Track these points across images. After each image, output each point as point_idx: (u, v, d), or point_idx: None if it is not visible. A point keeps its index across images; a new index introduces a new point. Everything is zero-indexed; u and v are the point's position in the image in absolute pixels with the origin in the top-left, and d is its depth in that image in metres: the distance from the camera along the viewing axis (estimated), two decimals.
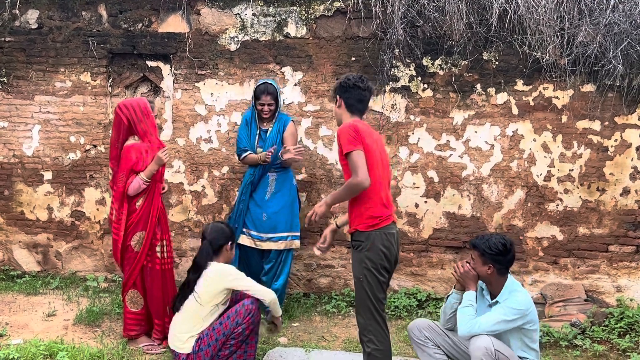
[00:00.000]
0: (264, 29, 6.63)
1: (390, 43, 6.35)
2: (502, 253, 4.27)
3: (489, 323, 4.17)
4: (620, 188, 6.23)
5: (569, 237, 6.35)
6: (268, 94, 5.98)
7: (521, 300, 4.21)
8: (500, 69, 6.32)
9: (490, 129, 6.41)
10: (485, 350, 4.07)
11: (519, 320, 4.19)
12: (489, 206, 6.47)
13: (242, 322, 4.73)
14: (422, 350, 4.51)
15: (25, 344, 5.28)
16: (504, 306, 4.21)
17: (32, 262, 7.27)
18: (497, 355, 4.09)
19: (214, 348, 4.70)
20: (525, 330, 4.26)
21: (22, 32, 6.97)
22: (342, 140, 4.29)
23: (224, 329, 4.72)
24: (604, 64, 6.00)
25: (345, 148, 4.27)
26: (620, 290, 6.26)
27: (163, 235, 5.45)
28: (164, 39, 6.78)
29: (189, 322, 4.80)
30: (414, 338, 4.54)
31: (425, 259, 6.63)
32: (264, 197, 6.08)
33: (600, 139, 6.24)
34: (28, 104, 7.05)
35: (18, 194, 7.17)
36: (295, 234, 6.16)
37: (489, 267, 4.29)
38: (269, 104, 6.01)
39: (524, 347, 4.30)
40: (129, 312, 5.47)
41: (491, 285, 4.37)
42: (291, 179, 6.20)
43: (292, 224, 6.13)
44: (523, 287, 4.38)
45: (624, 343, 5.47)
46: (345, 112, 4.54)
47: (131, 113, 5.26)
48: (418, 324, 4.57)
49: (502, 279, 4.32)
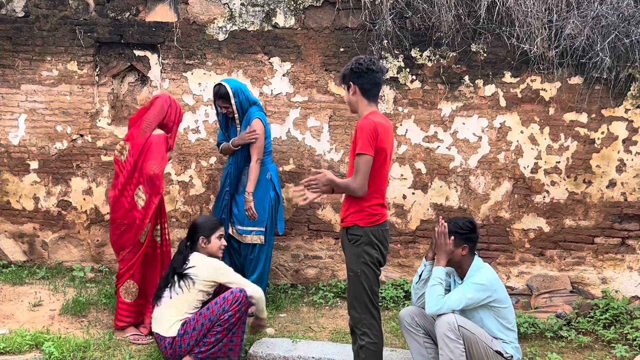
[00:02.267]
0: (252, 19, 6.61)
1: (378, 34, 6.35)
2: (473, 230, 4.47)
3: (455, 301, 4.27)
4: (606, 180, 6.27)
5: (555, 229, 6.39)
6: (219, 98, 5.92)
7: (484, 276, 4.35)
8: (489, 61, 6.33)
9: (478, 120, 6.42)
10: (449, 325, 4.18)
11: (482, 296, 4.30)
12: (476, 198, 6.49)
13: (229, 308, 4.74)
14: (412, 337, 4.54)
15: (10, 334, 5.26)
16: (468, 282, 4.35)
17: (18, 251, 7.23)
18: (462, 331, 4.19)
19: (199, 332, 4.73)
20: (497, 309, 4.37)
21: (8, 21, 6.91)
22: (361, 138, 4.17)
23: (210, 314, 4.74)
24: (592, 57, 6.02)
25: (359, 147, 4.18)
26: (606, 282, 6.30)
27: (163, 218, 5.52)
28: (152, 29, 6.75)
29: (174, 307, 4.83)
30: (405, 325, 4.56)
31: (413, 250, 6.64)
32: (241, 189, 6.03)
33: (587, 131, 6.26)
34: (14, 92, 7.00)
35: (4, 184, 7.13)
36: (260, 229, 6.03)
37: (462, 248, 4.42)
38: (224, 106, 5.93)
39: (500, 327, 4.40)
40: (122, 302, 5.44)
41: (461, 268, 4.48)
42: (264, 172, 6.05)
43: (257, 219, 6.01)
44: (490, 266, 4.53)
45: (609, 334, 5.51)
46: (361, 99, 4.33)
47: (174, 112, 5.51)
48: (410, 311, 4.60)
49: (471, 259, 4.47)
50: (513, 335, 4.46)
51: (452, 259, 4.45)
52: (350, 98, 4.39)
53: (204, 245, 4.99)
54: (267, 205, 6.05)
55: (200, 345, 4.75)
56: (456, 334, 4.17)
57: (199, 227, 5.02)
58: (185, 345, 4.75)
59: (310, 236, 6.79)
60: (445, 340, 4.18)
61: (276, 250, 6.62)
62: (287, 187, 6.71)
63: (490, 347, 4.25)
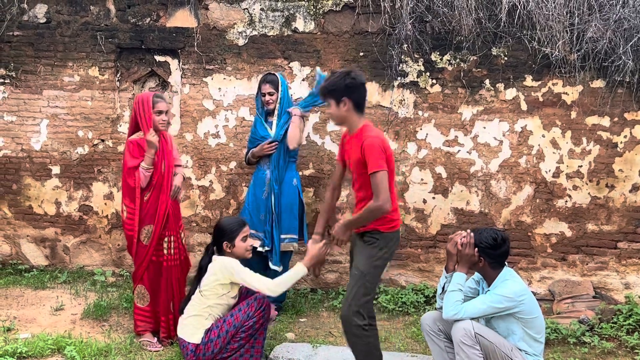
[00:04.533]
0: (272, 24, 6.62)
1: (398, 38, 6.33)
2: (492, 247, 4.30)
3: (473, 308, 4.22)
4: (629, 184, 6.20)
5: (578, 234, 6.33)
6: (267, 82, 5.95)
7: (509, 288, 4.24)
8: (509, 65, 6.29)
9: (499, 124, 6.39)
10: (464, 332, 4.14)
11: (504, 307, 4.21)
12: (497, 202, 6.45)
13: (254, 315, 4.73)
14: (433, 342, 4.50)
15: (33, 338, 5.29)
16: (492, 293, 4.27)
17: (40, 256, 7.29)
18: (479, 339, 4.14)
19: (224, 340, 4.69)
20: (524, 320, 4.27)
21: (31, 27, 6.97)
22: (371, 156, 4.23)
23: (235, 321, 4.71)
24: (614, 60, 5.97)
25: (372, 166, 4.23)
26: (629, 287, 6.24)
27: (170, 231, 5.42)
28: (172, 34, 6.78)
29: (197, 313, 4.81)
30: (427, 329, 4.53)
31: (433, 254, 6.61)
32: (261, 196, 6.01)
33: (609, 135, 6.21)
34: (36, 98, 7.06)
35: (26, 188, 7.19)
36: (293, 237, 6.08)
37: (480, 260, 4.33)
38: (269, 92, 5.96)
39: (526, 338, 4.30)
40: (136, 307, 5.47)
41: (487, 278, 4.42)
42: (290, 179, 6.07)
43: (290, 227, 6.05)
44: (519, 278, 4.40)
45: (632, 340, 5.45)
46: (353, 113, 4.38)
47: (138, 106, 5.33)
48: (432, 315, 4.57)
49: (494, 272, 4.35)
50: (539, 348, 4.33)
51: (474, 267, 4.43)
52: (339, 113, 4.39)
53: (229, 250, 4.90)
54: (297, 212, 6.07)
55: (223, 351, 4.73)
56: (473, 340, 4.12)
57: (221, 231, 4.93)
58: (209, 354, 4.68)
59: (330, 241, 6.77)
60: (462, 346, 4.15)
61: (296, 255, 6.61)
62: (307, 191, 6.71)
63: (510, 357, 4.19)
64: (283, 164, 6.02)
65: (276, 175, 5.97)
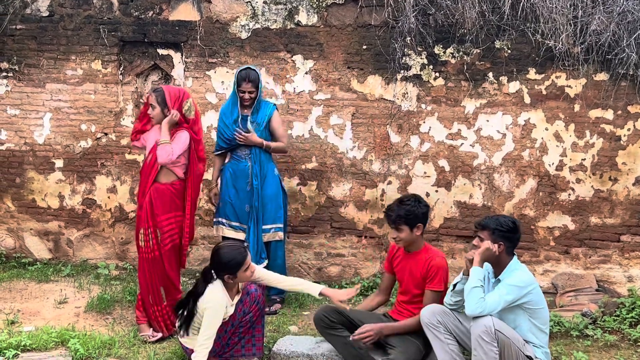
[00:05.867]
0: (275, 17, 6.61)
1: (401, 31, 6.32)
2: (513, 230, 4.43)
3: (494, 303, 4.25)
4: (632, 178, 6.19)
5: (581, 227, 6.33)
6: (249, 81, 5.89)
7: (520, 277, 4.33)
8: (513, 58, 6.28)
9: (502, 118, 6.38)
10: (485, 328, 4.17)
11: (517, 297, 4.29)
12: (500, 195, 6.45)
13: (249, 310, 4.76)
14: (434, 334, 4.53)
15: (37, 331, 5.30)
16: (505, 284, 4.33)
17: (43, 249, 7.30)
18: (497, 335, 4.19)
19: (224, 339, 4.71)
20: (531, 310, 4.36)
21: (33, 20, 6.97)
22: (439, 275, 4.77)
23: (232, 320, 4.72)
24: (617, 53, 5.95)
25: (438, 285, 4.76)
26: (632, 280, 6.23)
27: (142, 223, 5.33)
28: (175, 27, 6.77)
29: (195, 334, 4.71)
30: (426, 322, 4.55)
31: (436, 248, 6.60)
32: (246, 188, 5.98)
33: (612, 128, 6.19)
34: (39, 91, 7.06)
35: (29, 182, 7.20)
36: (279, 226, 6.07)
37: (499, 245, 4.38)
38: (250, 91, 5.91)
39: (534, 329, 4.39)
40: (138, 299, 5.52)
41: (498, 266, 4.47)
42: (273, 168, 6.09)
43: (275, 217, 6.04)
44: (527, 268, 4.50)
45: (635, 333, 5.45)
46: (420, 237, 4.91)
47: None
48: (432, 309, 4.60)
49: (508, 258, 4.44)
50: (544, 339, 4.44)
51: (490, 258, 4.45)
52: (413, 236, 4.81)
53: (230, 281, 4.69)
54: (281, 201, 6.09)
55: (225, 348, 4.75)
56: (492, 337, 4.16)
57: (224, 266, 4.63)
58: (212, 354, 4.62)
59: (333, 234, 6.79)
60: (480, 342, 4.17)
61: (299, 248, 6.64)
62: (310, 184, 6.71)
63: (522, 352, 4.26)
64: (264, 157, 6.02)
65: (258, 168, 5.96)
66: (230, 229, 6.04)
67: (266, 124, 6.01)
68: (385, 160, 6.61)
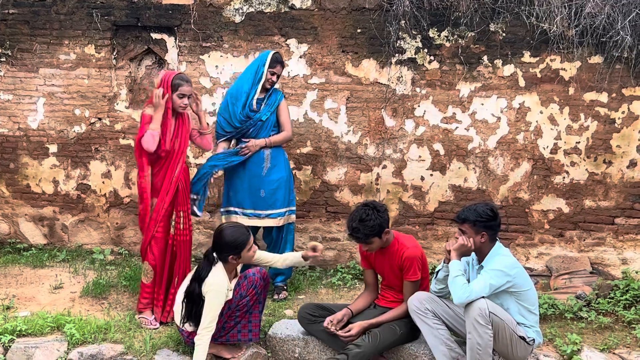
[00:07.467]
0: (269, 1, 6.58)
1: (396, 14, 6.30)
2: (493, 218, 4.47)
3: (480, 287, 4.30)
4: (627, 160, 6.21)
5: (575, 210, 6.35)
6: (279, 63, 5.88)
7: (502, 262, 4.39)
8: (507, 41, 6.27)
9: (497, 101, 6.37)
10: (480, 311, 4.22)
11: (503, 281, 4.34)
12: (494, 179, 6.46)
13: (247, 294, 4.75)
14: (422, 320, 4.58)
15: (32, 316, 5.31)
16: (488, 270, 4.38)
17: (38, 235, 7.29)
18: (492, 317, 4.24)
19: (220, 322, 4.69)
20: (517, 293, 4.43)
21: (26, 4, 6.92)
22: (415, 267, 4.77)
23: (229, 303, 4.72)
24: (612, 35, 5.95)
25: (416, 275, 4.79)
26: (626, 262, 6.26)
27: (180, 206, 5.40)
28: (168, 11, 6.74)
29: None
30: (414, 309, 4.61)
31: (431, 231, 6.63)
32: (261, 173, 5.94)
33: (607, 111, 6.20)
34: (32, 76, 7.02)
35: (23, 167, 7.18)
36: (292, 209, 6.10)
37: (482, 236, 4.44)
38: (278, 74, 5.92)
39: (522, 311, 4.46)
40: (142, 284, 5.45)
41: (481, 253, 4.53)
42: (283, 152, 6.07)
43: (289, 199, 6.06)
44: (509, 252, 4.56)
45: (629, 315, 5.48)
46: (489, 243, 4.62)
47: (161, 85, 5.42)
48: (418, 296, 4.67)
49: (492, 245, 4.50)
50: (534, 319, 4.50)
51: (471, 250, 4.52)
52: (383, 241, 4.78)
53: (234, 262, 4.74)
54: (292, 184, 6.12)
55: (220, 331, 4.75)
56: (486, 319, 4.21)
57: (228, 246, 4.66)
58: None
59: (328, 218, 6.80)
60: (475, 325, 4.22)
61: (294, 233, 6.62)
62: (305, 169, 6.71)
63: (515, 333, 4.34)
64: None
65: (274, 152, 5.94)
66: (244, 216, 5.96)
67: (275, 109, 5.96)
68: (380, 144, 6.61)
